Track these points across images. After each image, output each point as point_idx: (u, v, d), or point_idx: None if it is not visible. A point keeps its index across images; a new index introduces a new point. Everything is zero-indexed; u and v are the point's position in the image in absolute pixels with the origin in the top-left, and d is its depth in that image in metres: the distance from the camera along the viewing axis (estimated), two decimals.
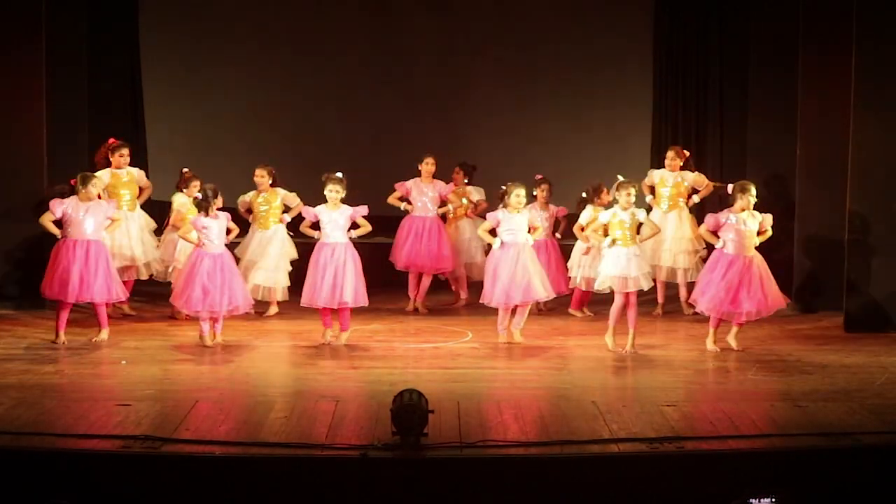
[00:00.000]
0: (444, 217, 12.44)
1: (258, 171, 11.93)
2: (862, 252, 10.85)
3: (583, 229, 11.16)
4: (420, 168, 12.36)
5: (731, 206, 10.00)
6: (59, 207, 10.27)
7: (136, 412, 7.87)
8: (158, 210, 14.96)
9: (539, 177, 12.30)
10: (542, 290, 10.29)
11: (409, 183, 12.33)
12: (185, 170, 11.81)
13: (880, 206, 10.86)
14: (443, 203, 12.42)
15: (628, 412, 8.03)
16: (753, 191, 10.00)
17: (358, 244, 10.55)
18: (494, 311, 10.51)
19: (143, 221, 11.83)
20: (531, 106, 14.94)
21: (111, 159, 11.68)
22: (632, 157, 15.03)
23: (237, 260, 11.07)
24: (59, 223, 10.32)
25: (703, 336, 10.41)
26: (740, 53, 13.55)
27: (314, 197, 11.62)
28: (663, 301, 11.95)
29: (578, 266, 11.64)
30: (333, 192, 10.42)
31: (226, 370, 9.42)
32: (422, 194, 12.25)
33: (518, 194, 10.30)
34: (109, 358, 9.74)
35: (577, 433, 7.42)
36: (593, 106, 15.02)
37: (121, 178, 11.67)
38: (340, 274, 10.20)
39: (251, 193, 12.00)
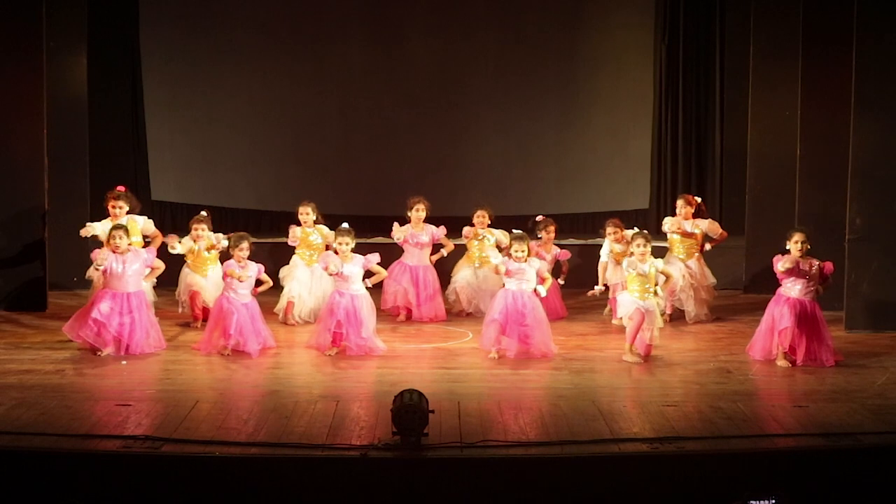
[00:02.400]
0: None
1: (302, 209, 11.55)
2: (862, 252, 10.85)
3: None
4: (409, 215, 11.85)
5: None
6: (104, 263, 9.97)
7: (136, 412, 7.87)
8: (159, 211, 15.01)
9: (540, 218, 11.98)
10: (545, 347, 9.98)
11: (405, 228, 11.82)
12: (203, 213, 11.45)
13: (880, 206, 10.85)
14: (435, 249, 11.95)
15: (628, 412, 8.04)
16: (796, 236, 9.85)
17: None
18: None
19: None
20: (531, 106, 14.95)
21: (108, 208, 11.03)
22: (632, 157, 15.06)
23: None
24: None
25: (704, 337, 10.48)
26: (740, 53, 13.55)
27: (309, 198, 11.67)
28: (671, 311, 11.79)
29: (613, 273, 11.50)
30: (344, 245, 10.13)
31: (226, 370, 9.41)
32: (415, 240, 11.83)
33: (517, 249, 10.00)
34: (110, 358, 9.73)
35: (577, 433, 7.42)
36: (594, 106, 15.04)
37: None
38: (354, 324, 9.99)
39: (299, 230, 11.58)
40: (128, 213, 11.03)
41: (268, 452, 7.04)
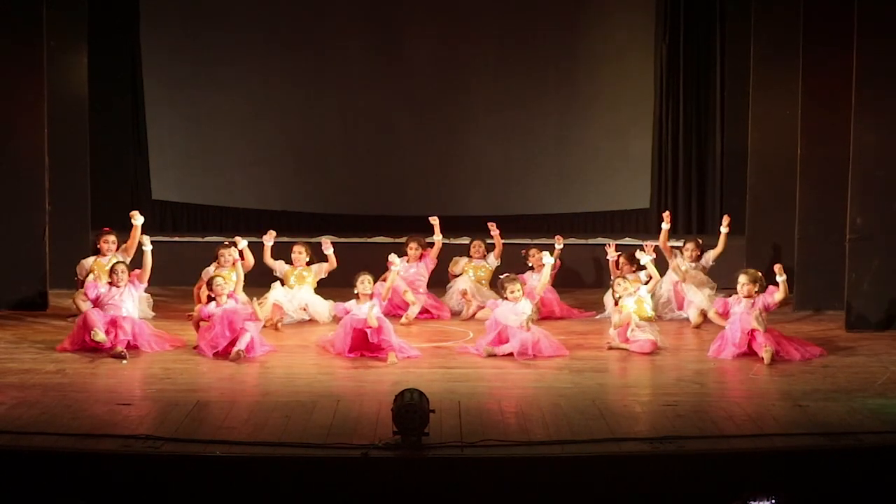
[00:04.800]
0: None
1: (296, 248, 11.53)
2: (862, 252, 10.84)
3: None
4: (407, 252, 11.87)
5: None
6: (92, 291, 10.15)
7: (136, 412, 7.87)
8: (159, 211, 15.02)
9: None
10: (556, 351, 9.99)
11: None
12: (227, 242, 11.47)
13: (880, 206, 10.85)
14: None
15: (628, 412, 8.04)
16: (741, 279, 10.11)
17: (359, 245, 10.49)
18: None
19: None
20: (531, 106, 14.95)
21: (99, 245, 11.27)
22: (633, 157, 15.06)
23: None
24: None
25: (704, 336, 10.53)
26: (741, 53, 13.55)
27: (310, 198, 11.65)
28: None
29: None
30: (366, 283, 10.08)
31: (226, 370, 9.40)
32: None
33: (512, 290, 10.10)
34: (109, 358, 9.72)
35: (578, 433, 7.42)
36: (594, 106, 15.04)
37: (103, 265, 11.06)
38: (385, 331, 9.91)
39: (287, 268, 11.50)
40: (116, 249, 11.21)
41: (268, 452, 7.04)
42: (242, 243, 11.23)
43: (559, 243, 11.85)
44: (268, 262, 11.44)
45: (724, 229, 11.85)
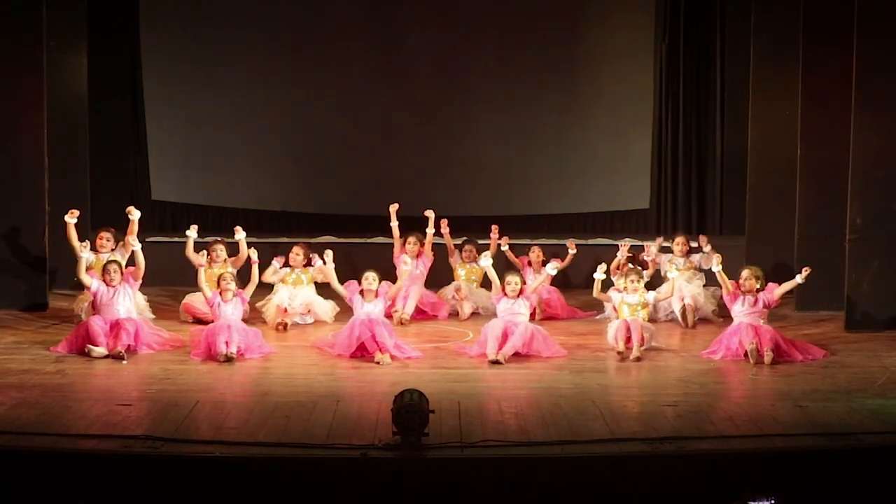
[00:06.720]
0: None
1: (296, 249, 11.53)
2: (862, 252, 10.85)
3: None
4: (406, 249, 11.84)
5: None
6: (94, 283, 10.18)
7: (136, 412, 7.88)
8: (159, 210, 15.01)
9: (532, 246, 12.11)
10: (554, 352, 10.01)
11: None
12: (219, 243, 11.54)
13: (880, 206, 10.85)
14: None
15: (628, 412, 8.04)
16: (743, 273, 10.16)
17: (357, 245, 10.48)
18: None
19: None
20: (531, 106, 14.95)
21: (96, 240, 11.18)
22: (633, 157, 15.06)
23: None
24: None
25: (705, 337, 10.53)
26: (741, 53, 13.55)
27: (310, 198, 11.62)
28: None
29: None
30: (371, 281, 10.07)
31: (226, 370, 9.40)
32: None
33: (509, 282, 10.12)
34: (109, 358, 9.71)
35: (578, 433, 7.43)
36: (594, 106, 15.04)
37: (101, 262, 10.88)
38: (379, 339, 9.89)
39: (285, 271, 11.49)
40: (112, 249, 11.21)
41: (268, 452, 7.04)
42: (240, 234, 11.21)
43: (572, 248, 11.85)
44: (267, 280, 11.38)
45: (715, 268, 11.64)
